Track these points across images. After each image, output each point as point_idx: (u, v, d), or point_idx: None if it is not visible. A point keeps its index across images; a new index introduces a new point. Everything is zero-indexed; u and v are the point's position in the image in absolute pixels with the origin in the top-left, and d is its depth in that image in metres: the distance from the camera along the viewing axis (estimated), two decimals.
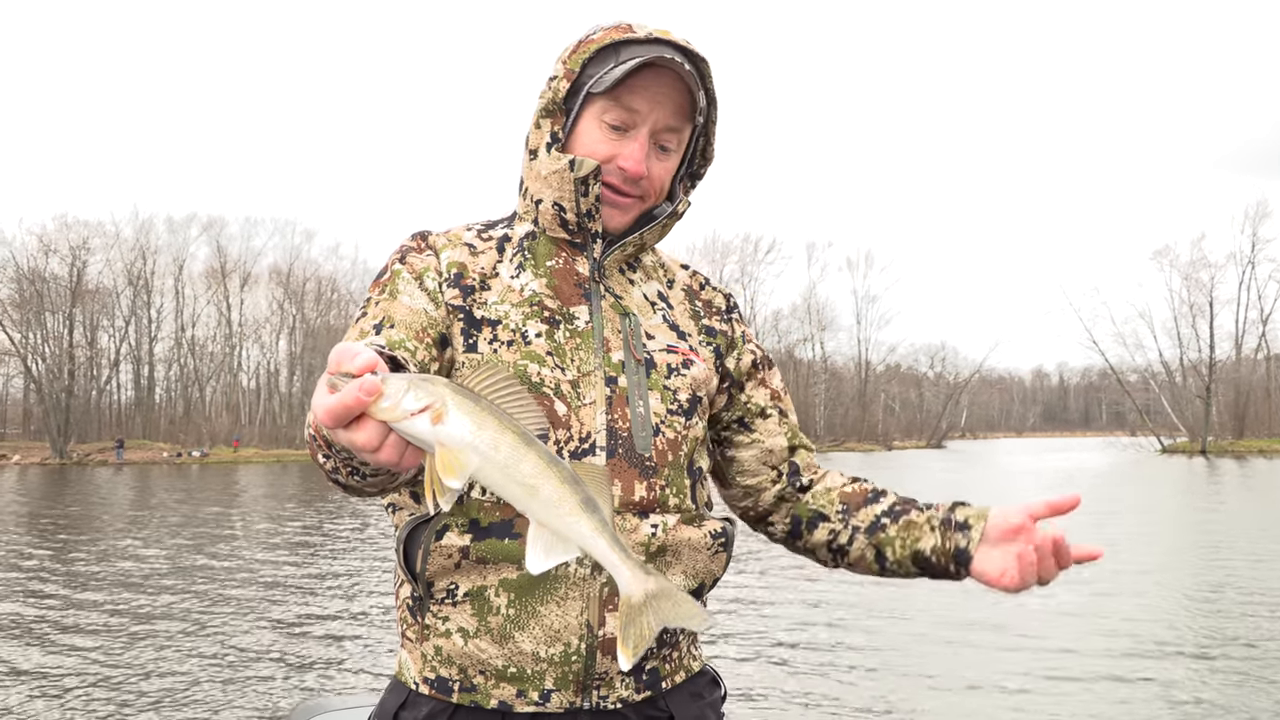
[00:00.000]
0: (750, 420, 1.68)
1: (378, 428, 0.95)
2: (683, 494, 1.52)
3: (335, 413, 0.93)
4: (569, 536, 1.00)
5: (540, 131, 1.56)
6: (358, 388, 0.92)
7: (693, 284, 1.72)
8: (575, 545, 1.00)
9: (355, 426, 0.95)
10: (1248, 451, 64.03)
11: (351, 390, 0.92)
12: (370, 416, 0.94)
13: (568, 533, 1.00)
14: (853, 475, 1.69)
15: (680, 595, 1.05)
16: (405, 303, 1.48)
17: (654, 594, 1.04)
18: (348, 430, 0.95)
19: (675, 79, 1.50)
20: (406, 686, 1.51)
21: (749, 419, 1.68)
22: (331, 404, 0.93)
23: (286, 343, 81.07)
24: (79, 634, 8.78)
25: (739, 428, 1.68)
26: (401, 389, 0.94)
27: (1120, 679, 6.95)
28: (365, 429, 0.95)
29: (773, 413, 1.69)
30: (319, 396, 0.97)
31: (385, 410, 0.93)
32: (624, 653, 1.04)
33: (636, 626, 1.04)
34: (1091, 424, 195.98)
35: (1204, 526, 17.29)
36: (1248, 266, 76.16)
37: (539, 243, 1.59)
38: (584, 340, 1.51)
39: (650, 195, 1.57)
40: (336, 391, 0.94)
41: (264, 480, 38.00)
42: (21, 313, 66.56)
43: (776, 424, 1.69)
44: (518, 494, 0.98)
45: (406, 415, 0.93)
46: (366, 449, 0.96)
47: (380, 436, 0.95)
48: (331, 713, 2.35)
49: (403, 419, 0.94)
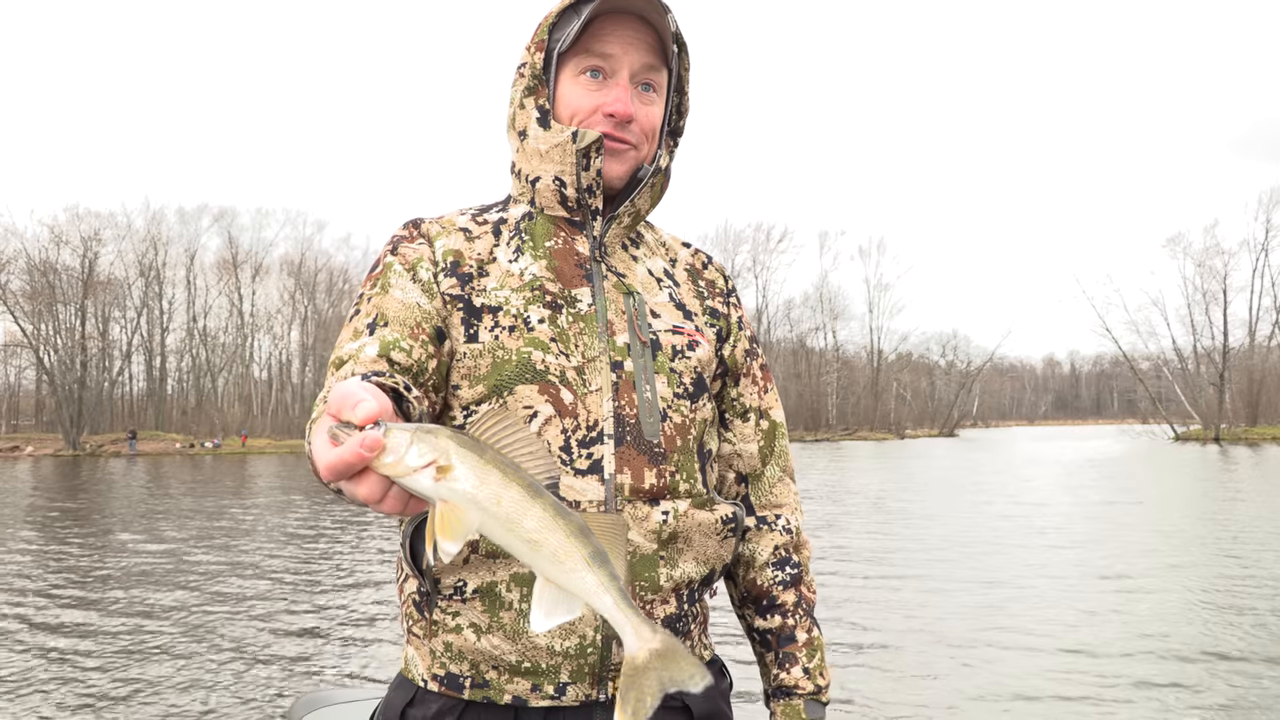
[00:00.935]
0: (731, 419, 1.65)
1: (380, 481, 0.93)
2: (693, 479, 1.49)
3: (336, 469, 0.92)
4: (573, 592, 0.97)
5: (526, 111, 1.53)
6: (359, 444, 0.90)
7: (695, 263, 1.69)
8: (580, 602, 0.97)
9: (357, 480, 0.93)
10: (1261, 439, 63.66)
11: (353, 447, 0.90)
12: (372, 471, 0.93)
13: (572, 588, 0.96)
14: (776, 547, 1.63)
15: (684, 654, 1.01)
16: (398, 297, 1.44)
17: (659, 653, 1.00)
18: (350, 483, 0.94)
19: (641, 22, 1.48)
20: (414, 683, 1.47)
21: (731, 416, 1.65)
22: (332, 460, 0.91)
23: (298, 333, 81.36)
24: (79, 625, 8.76)
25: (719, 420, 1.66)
26: (404, 443, 0.91)
27: (1144, 682, 6.85)
28: (367, 483, 0.93)
29: (752, 417, 1.66)
30: (320, 449, 0.94)
31: (388, 466, 0.92)
32: (621, 716, 1.00)
33: (638, 690, 1.00)
34: (1103, 412, 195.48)
35: (1242, 518, 17.15)
36: (1261, 253, 75.70)
37: (536, 223, 1.54)
38: (587, 324, 1.47)
39: (642, 143, 1.54)
40: (338, 444, 0.92)
41: (276, 471, 38.06)
42: (33, 304, 66.77)
43: (753, 430, 1.65)
44: (521, 549, 0.95)
45: (410, 472, 0.91)
46: (369, 502, 0.94)
47: (382, 490, 0.94)
48: (332, 706, 2.32)
49: (406, 475, 0.92)
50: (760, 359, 1.71)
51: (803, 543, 1.66)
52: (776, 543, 1.63)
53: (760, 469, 1.66)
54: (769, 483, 1.66)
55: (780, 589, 1.61)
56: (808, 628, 1.61)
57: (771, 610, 1.61)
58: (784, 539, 1.63)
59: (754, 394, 1.67)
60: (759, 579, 1.62)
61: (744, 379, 1.66)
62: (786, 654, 1.59)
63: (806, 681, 1.58)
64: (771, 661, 1.61)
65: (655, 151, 1.57)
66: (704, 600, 1.56)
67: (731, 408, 1.65)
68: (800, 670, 1.58)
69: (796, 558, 1.64)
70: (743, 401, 1.65)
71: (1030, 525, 15.79)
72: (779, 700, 1.59)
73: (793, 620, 1.61)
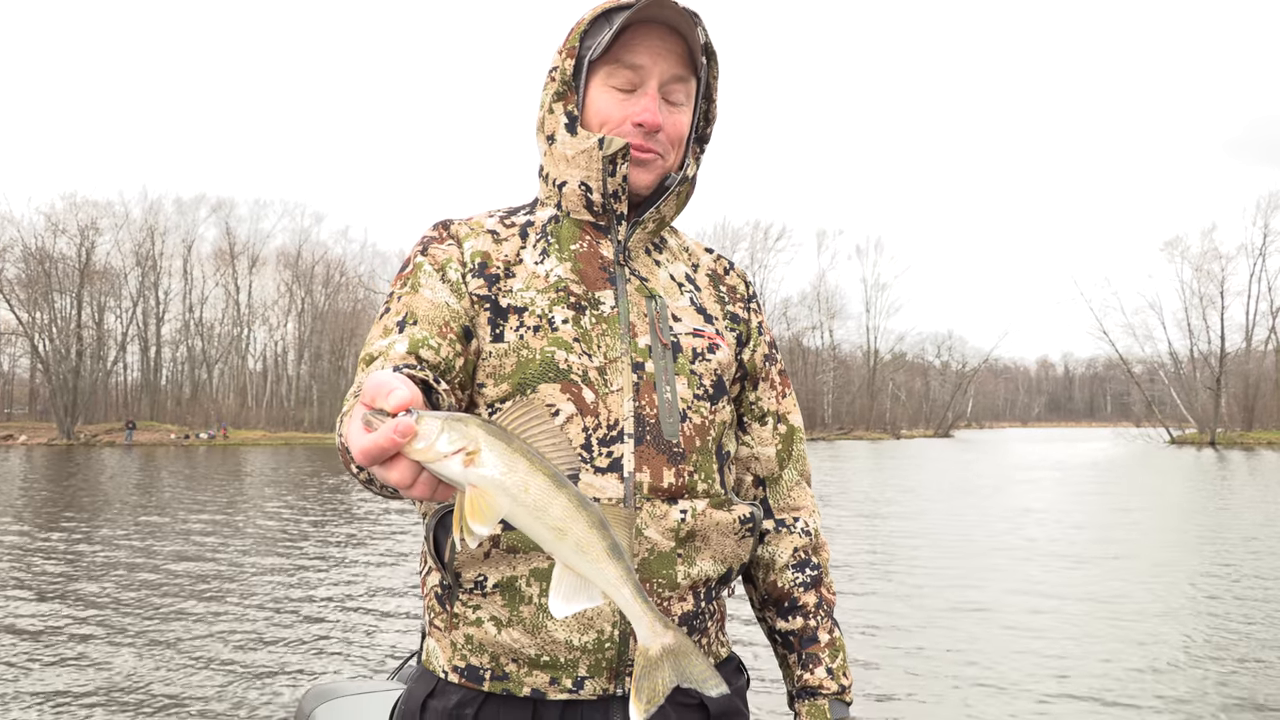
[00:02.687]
0: (749, 423, 1.68)
1: (411, 466, 0.97)
2: (711, 479, 1.52)
3: (370, 454, 0.95)
4: (594, 582, 1.00)
5: (555, 116, 1.56)
6: (393, 430, 0.93)
7: (717, 268, 1.72)
8: (599, 591, 1.01)
9: (389, 465, 0.97)
10: (1257, 443, 63.86)
11: (386, 433, 0.94)
12: (404, 456, 0.96)
13: (593, 578, 1.00)
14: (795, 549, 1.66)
15: (696, 654, 1.05)
16: (427, 296, 1.48)
17: (671, 649, 1.04)
18: (382, 468, 0.97)
19: (671, 32, 1.51)
20: (435, 675, 1.50)
21: (749, 420, 1.68)
22: (367, 445, 0.95)
23: (295, 325, 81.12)
24: (84, 616, 8.70)
25: (737, 427, 1.68)
26: (435, 430, 0.95)
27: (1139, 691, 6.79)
28: (399, 468, 0.97)
29: (770, 420, 1.69)
30: (355, 434, 0.98)
31: (419, 452, 0.95)
32: (636, 705, 1.04)
33: (650, 680, 1.04)
34: (1096, 415, 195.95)
35: (1253, 522, 17.15)
36: (1259, 258, 75.83)
37: (562, 227, 1.58)
38: (610, 325, 1.51)
39: (669, 152, 1.56)
40: (372, 430, 0.95)
41: (270, 462, 38.01)
42: (29, 292, 66.52)
43: (771, 434, 1.69)
44: (546, 536, 0.98)
45: (440, 458, 0.94)
46: (400, 486, 0.98)
47: (414, 475, 0.97)
48: (343, 697, 2.32)
49: (436, 460, 0.95)
50: (779, 364, 1.74)
51: (821, 544, 1.69)
52: (796, 545, 1.66)
53: (778, 472, 1.68)
54: (787, 485, 1.69)
55: (801, 590, 1.64)
56: (829, 629, 1.64)
57: (793, 612, 1.64)
58: (803, 541, 1.67)
59: (772, 398, 1.70)
60: (779, 581, 1.65)
61: (763, 383, 1.69)
62: (809, 655, 1.62)
63: (830, 682, 1.61)
64: (795, 663, 1.63)
65: (683, 159, 1.61)
66: (721, 598, 1.59)
67: (750, 411, 1.68)
68: (824, 671, 1.61)
69: (816, 559, 1.67)
70: (761, 405, 1.68)
71: (1046, 534, 15.76)
72: (804, 701, 1.61)
73: (814, 621, 1.63)
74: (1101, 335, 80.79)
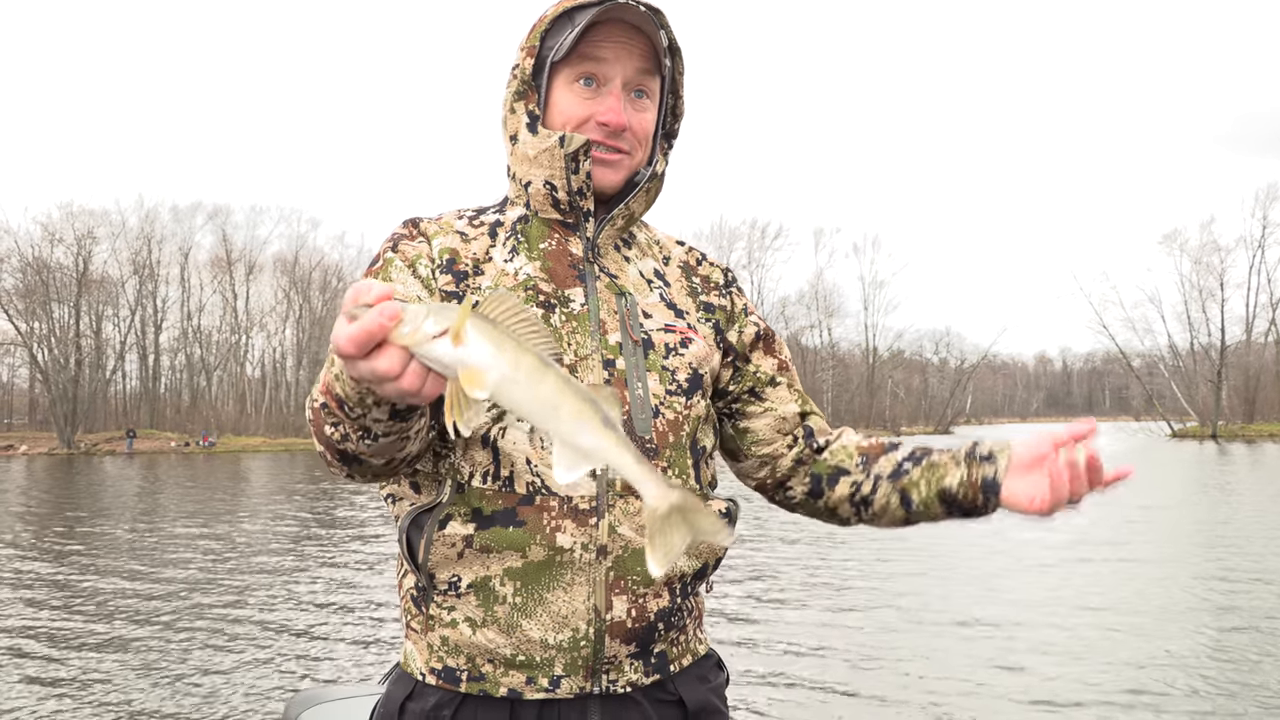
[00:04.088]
0: (761, 390, 1.67)
1: (399, 354, 0.97)
2: (685, 474, 1.52)
3: (357, 339, 0.95)
4: (593, 452, 1.00)
5: (516, 116, 1.56)
6: (378, 313, 0.94)
7: (689, 260, 1.71)
8: (599, 459, 1.01)
9: (376, 354, 0.97)
10: (1258, 436, 63.87)
11: (373, 316, 0.94)
12: (391, 343, 0.96)
13: (592, 448, 1.00)
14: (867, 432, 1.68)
15: (704, 508, 1.06)
16: (399, 291, 1.44)
17: (679, 506, 1.04)
18: (368, 359, 0.97)
19: (634, 30, 1.50)
20: (413, 677, 1.51)
21: (759, 388, 1.67)
22: (354, 331, 0.95)
23: (293, 331, 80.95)
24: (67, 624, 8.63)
25: (750, 398, 1.67)
26: (421, 314, 0.96)
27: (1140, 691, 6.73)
28: (386, 355, 0.97)
29: (782, 380, 1.69)
30: (339, 328, 0.98)
31: (406, 335, 0.95)
32: (653, 560, 1.05)
33: (664, 536, 1.05)
34: (1095, 409, 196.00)
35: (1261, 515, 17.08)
36: (1258, 250, 75.82)
37: (531, 226, 1.58)
38: (580, 323, 1.50)
39: (636, 149, 1.56)
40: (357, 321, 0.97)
41: (269, 470, 37.91)
42: (27, 302, 66.34)
43: (787, 391, 1.69)
44: (541, 412, 0.98)
45: (428, 339, 0.95)
46: (388, 376, 0.98)
47: (402, 363, 0.97)
48: (328, 703, 2.32)
49: (424, 343, 0.95)
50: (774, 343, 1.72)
51: None
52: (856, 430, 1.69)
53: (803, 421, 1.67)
54: (819, 421, 1.69)
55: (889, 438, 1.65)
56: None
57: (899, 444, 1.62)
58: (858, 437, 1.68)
59: (772, 365, 1.69)
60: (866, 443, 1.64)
61: (754, 353, 1.69)
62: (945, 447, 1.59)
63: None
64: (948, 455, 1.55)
65: (651, 155, 1.60)
66: (699, 594, 1.59)
67: (757, 380, 1.68)
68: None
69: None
70: (765, 371, 1.68)
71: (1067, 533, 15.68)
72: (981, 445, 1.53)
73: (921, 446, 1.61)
74: (1101, 329, 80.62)
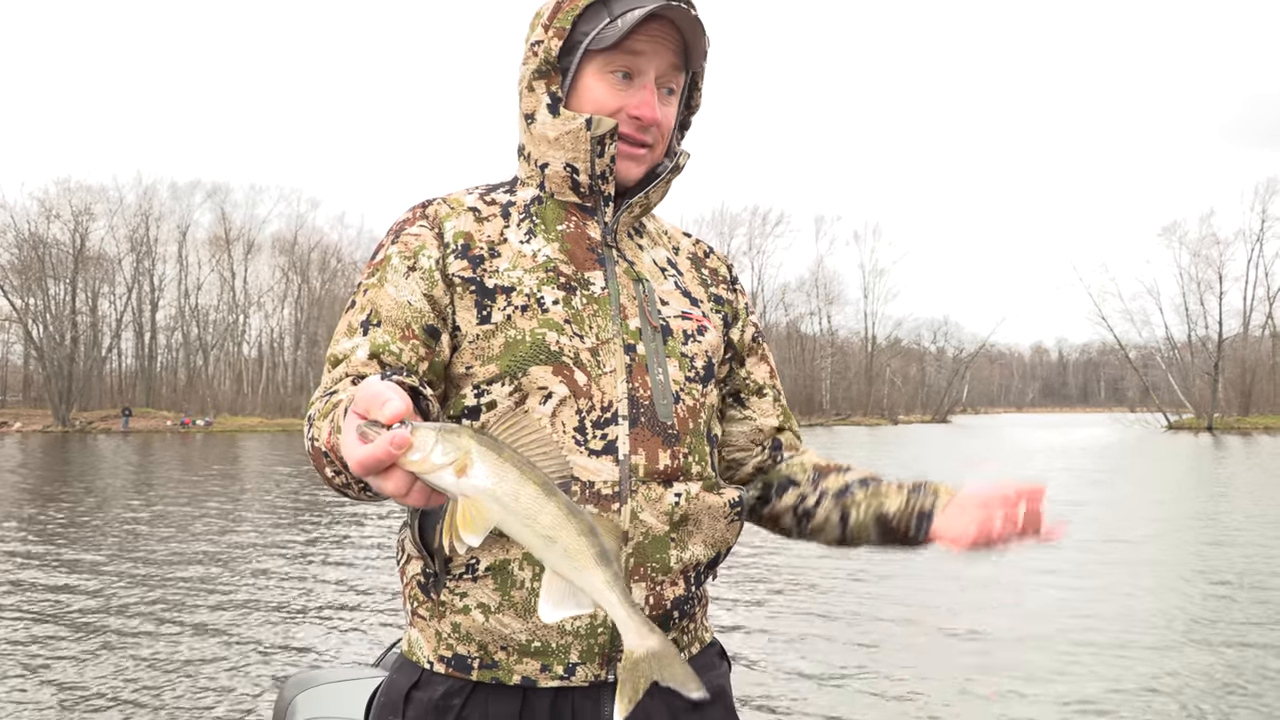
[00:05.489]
0: (746, 397, 1.68)
1: (407, 476, 1.00)
2: (704, 461, 1.52)
3: (367, 465, 0.99)
4: (582, 588, 1.03)
5: (535, 94, 1.52)
6: (389, 442, 0.97)
7: (697, 251, 1.71)
8: (587, 597, 1.04)
9: (385, 475, 1.00)
10: (1253, 428, 64.03)
11: (383, 444, 0.97)
12: (399, 467, 0.99)
13: (581, 584, 1.03)
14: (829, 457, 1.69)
15: (678, 659, 1.09)
16: (391, 294, 1.45)
17: (655, 654, 1.07)
18: (378, 478, 1.01)
19: (670, 25, 1.49)
20: (419, 665, 1.47)
21: (745, 395, 1.68)
22: (363, 457, 0.99)
23: (291, 311, 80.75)
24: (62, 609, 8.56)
25: (734, 402, 1.68)
26: (430, 442, 0.98)
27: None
28: (395, 478, 1.00)
29: (769, 392, 1.69)
30: (350, 445, 1.01)
31: (415, 463, 0.98)
32: (620, 703, 1.08)
33: (633, 682, 1.07)
34: (1090, 400, 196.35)
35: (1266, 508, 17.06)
36: (1256, 244, 75.80)
37: (547, 207, 1.55)
38: (601, 307, 1.49)
39: (659, 144, 1.55)
40: (367, 442, 0.99)
41: (264, 451, 37.79)
42: (23, 279, 66.12)
43: (771, 405, 1.69)
44: (536, 543, 1.01)
45: (435, 469, 0.98)
46: (395, 495, 1.02)
47: (408, 485, 1.01)
48: (322, 685, 2.30)
49: (431, 472, 0.98)
50: (765, 346, 1.74)
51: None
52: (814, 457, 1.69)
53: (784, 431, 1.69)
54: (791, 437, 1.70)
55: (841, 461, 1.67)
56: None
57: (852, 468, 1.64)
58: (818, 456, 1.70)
59: (765, 373, 1.70)
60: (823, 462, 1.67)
61: (750, 358, 1.69)
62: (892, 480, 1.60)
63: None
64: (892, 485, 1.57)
65: (671, 148, 1.60)
66: (706, 584, 1.58)
67: (745, 386, 1.68)
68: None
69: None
70: (756, 379, 1.69)
71: None
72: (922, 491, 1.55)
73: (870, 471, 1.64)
74: (1100, 320, 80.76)
